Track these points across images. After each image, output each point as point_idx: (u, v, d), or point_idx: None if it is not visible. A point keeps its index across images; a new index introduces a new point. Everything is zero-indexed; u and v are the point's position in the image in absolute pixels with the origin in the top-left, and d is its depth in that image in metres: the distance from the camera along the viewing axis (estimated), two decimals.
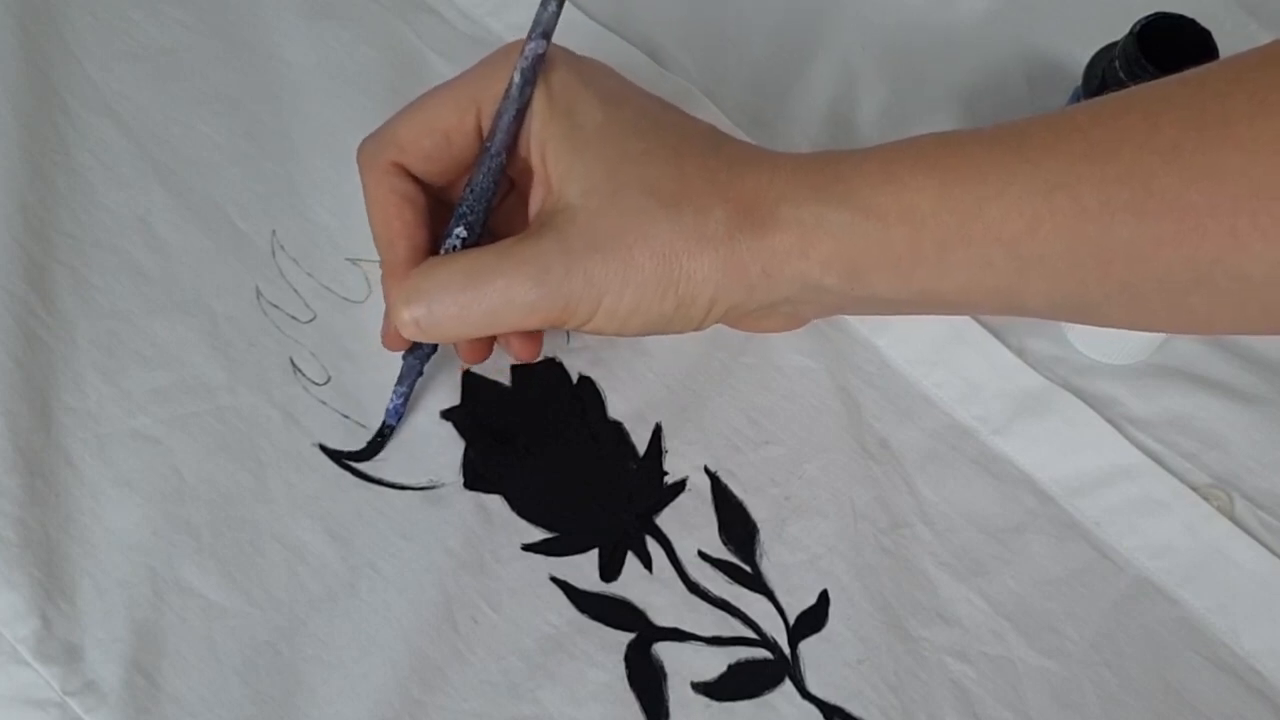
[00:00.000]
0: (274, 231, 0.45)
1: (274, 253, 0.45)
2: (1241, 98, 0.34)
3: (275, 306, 0.44)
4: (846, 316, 0.46)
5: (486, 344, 0.42)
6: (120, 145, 0.46)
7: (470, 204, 0.39)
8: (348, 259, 0.45)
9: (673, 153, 0.38)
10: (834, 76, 0.51)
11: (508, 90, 0.38)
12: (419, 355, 0.41)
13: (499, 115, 0.38)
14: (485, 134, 0.39)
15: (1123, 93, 0.37)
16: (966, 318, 0.46)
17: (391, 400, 0.42)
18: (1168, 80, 0.36)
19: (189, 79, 0.48)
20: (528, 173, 0.40)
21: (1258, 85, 0.34)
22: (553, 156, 0.38)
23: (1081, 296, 0.37)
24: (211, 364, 0.42)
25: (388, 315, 0.40)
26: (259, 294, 0.44)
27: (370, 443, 0.42)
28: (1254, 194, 0.33)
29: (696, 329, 0.39)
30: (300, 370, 0.43)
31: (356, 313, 0.44)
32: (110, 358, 0.42)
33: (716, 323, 0.39)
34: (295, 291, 0.44)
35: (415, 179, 0.40)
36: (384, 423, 0.42)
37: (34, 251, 0.43)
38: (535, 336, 0.42)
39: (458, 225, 0.39)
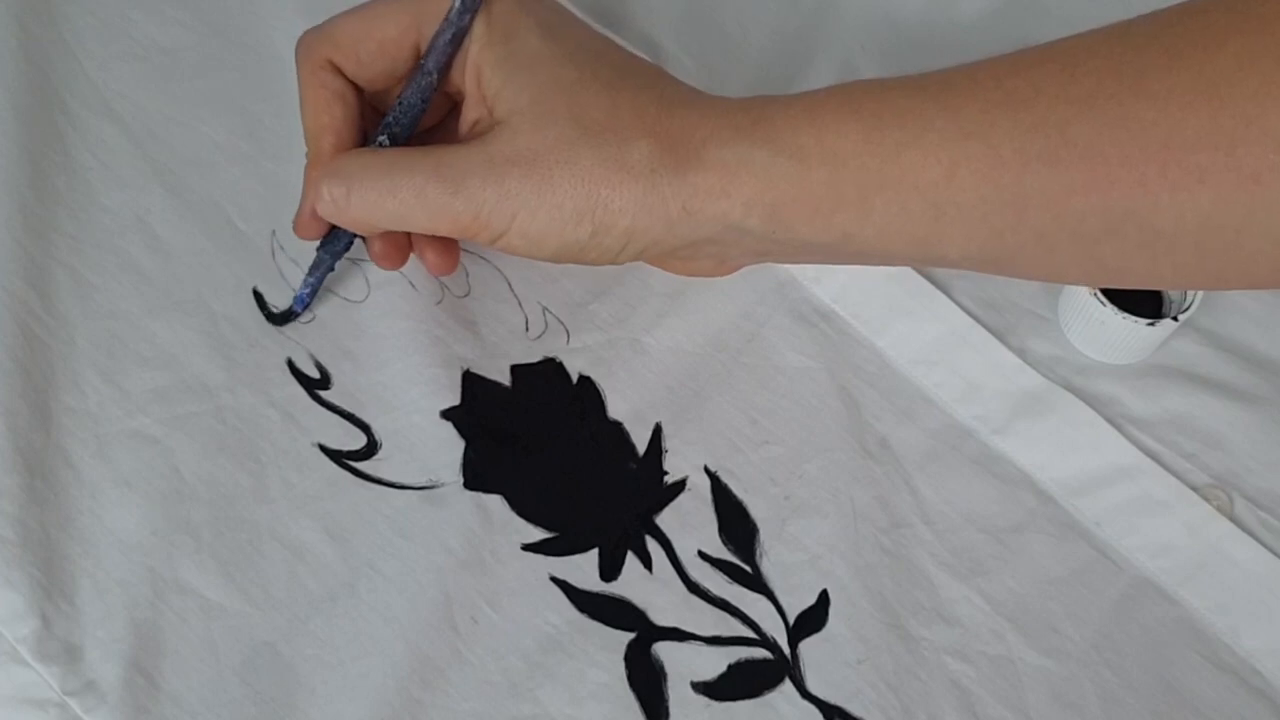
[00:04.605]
0: (274, 232, 0.45)
1: (274, 253, 0.45)
2: (1157, 50, 0.34)
3: (275, 307, 0.44)
4: (845, 315, 0.46)
5: (401, 251, 0.42)
6: (120, 145, 0.46)
7: (396, 115, 0.40)
8: (348, 259, 0.45)
9: (605, 85, 0.38)
10: (834, 76, 0.51)
11: (447, 14, 0.39)
12: (331, 250, 0.42)
13: (436, 36, 0.39)
14: (422, 52, 0.40)
15: (1043, 44, 0.37)
16: (969, 319, 0.46)
17: (299, 289, 0.43)
18: (1088, 32, 0.37)
19: (189, 79, 0.48)
20: (463, 97, 0.40)
21: (1174, 38, 0.34)
22: (487, 79, 0.39)
23: (997, 245, 0.37)
24: (211, 364, 0.42)
25: (304, 199, 0.40)
26: (259, 294, 0.44)
27: (273, 317, 0.43)
28: (1164, 145, 0.34)
29: (614, 261, 0.39)
30: (299, 370, 0.43)
31: (356, 313, 0.44)
32: (110, 358, 0.42)
33: (636, 259, 0.40)
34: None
35: (349, 80, 0.40)
36: (289, 308, 0.43)
37: (34, 251, 0.43)
38: (450, 249, 0.42)
39: (382, 134, 0.40)
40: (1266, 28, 0.33)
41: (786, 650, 0.40)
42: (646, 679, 0.39)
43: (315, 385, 0.42)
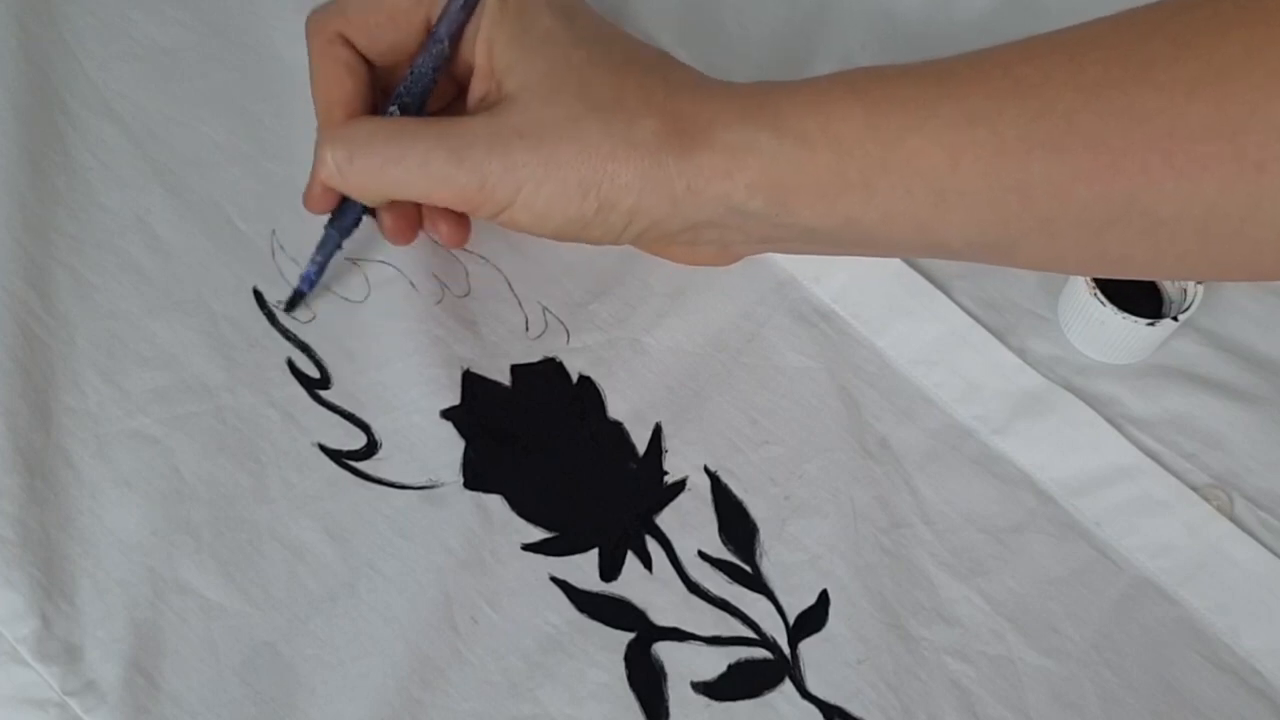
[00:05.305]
0: (274, 231, 0.45)
1: (274, 253, 0.45)
2: (1163, 39, 0.35)
3: (275, 307, 0.44)
4: (845, 315, 0.46)
5: (412, 226, 0.42)
6: (120, 145, 0.46)
7: (408, 85, 0.40)
8: (348, 259, 0.45)
9: (613, 67, 0.39)
10: None
11: None
12: (339, 226, 0.42)
13: (449, 3, 0.39)
14: (432, 25, 0.40)
15: (1049, 33, 0.37)
16: (969, 319, 0.46)
17: (306, 268, 0.43)
18: (1095, 21, 0.37)
19: (189, 79, 0.48)
20: (470, 76, 0.40)
21: (1180, 28, 0.35)
22: (499, 53, 0.39)
23: (999, 233, 0.37)
24: (211, 364, 0.42)
25: (313, 170, 0.40)
26: (259, 294, 0.44)
27: (280, 303, 0.43)
28: (1169, 134, 0.34)
29: (616, 241, 0.40)
30: (299, 370, 0.43)
31: (356, 313, 0.44)
32: (110, 358, 0.42)
33: (638, 239, 0.40)
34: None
35: (360, 54, 0.40)
36: (296, 289, 0.43)
37: (34, 251, 0.43)
38: (463, 220, 0.42)
39: (393, 104, 0.40)
40: (1272, 18, 0.33)
41: (786, 650, 0.40)
42: (646, 679, 0.39)
43: (315, 385, 0.42)
